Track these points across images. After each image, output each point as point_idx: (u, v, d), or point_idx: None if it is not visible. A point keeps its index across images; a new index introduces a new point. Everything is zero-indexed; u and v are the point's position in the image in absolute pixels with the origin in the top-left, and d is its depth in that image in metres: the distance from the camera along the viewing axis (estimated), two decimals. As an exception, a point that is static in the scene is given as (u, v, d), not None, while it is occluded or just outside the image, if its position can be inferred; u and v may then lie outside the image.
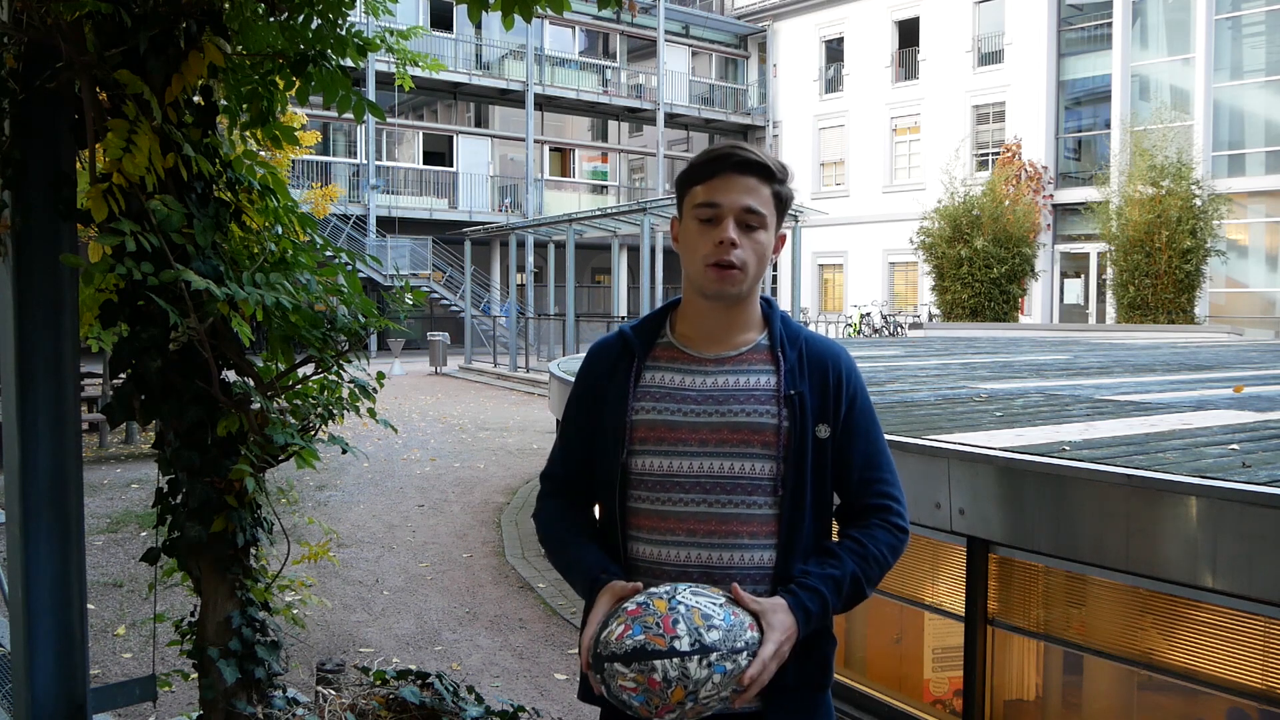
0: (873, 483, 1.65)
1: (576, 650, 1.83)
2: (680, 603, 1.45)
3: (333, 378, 2.63)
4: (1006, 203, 21.37)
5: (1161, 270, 18.24)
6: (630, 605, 1.48)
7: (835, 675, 1.73)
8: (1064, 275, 25.72)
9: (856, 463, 1.65)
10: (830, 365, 1.67)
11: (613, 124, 33.78)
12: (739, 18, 33.57)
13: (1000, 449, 3.63)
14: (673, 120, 32.31)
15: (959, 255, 20.67)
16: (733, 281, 1.60)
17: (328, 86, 2.59)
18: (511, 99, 29.67)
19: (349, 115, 2.62)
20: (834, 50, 30.78)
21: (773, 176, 1.62)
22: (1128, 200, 18.78)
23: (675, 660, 1.41)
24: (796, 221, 18.22)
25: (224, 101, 2.64)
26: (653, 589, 1.51)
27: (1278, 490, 2.75)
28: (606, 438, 1.67)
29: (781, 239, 1.69)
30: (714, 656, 1.43)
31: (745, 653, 1.46)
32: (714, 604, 1.47)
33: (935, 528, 3.78)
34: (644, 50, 32.81)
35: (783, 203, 1.65)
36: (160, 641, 3.78)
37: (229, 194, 2.53)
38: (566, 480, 1.75)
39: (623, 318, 19.80)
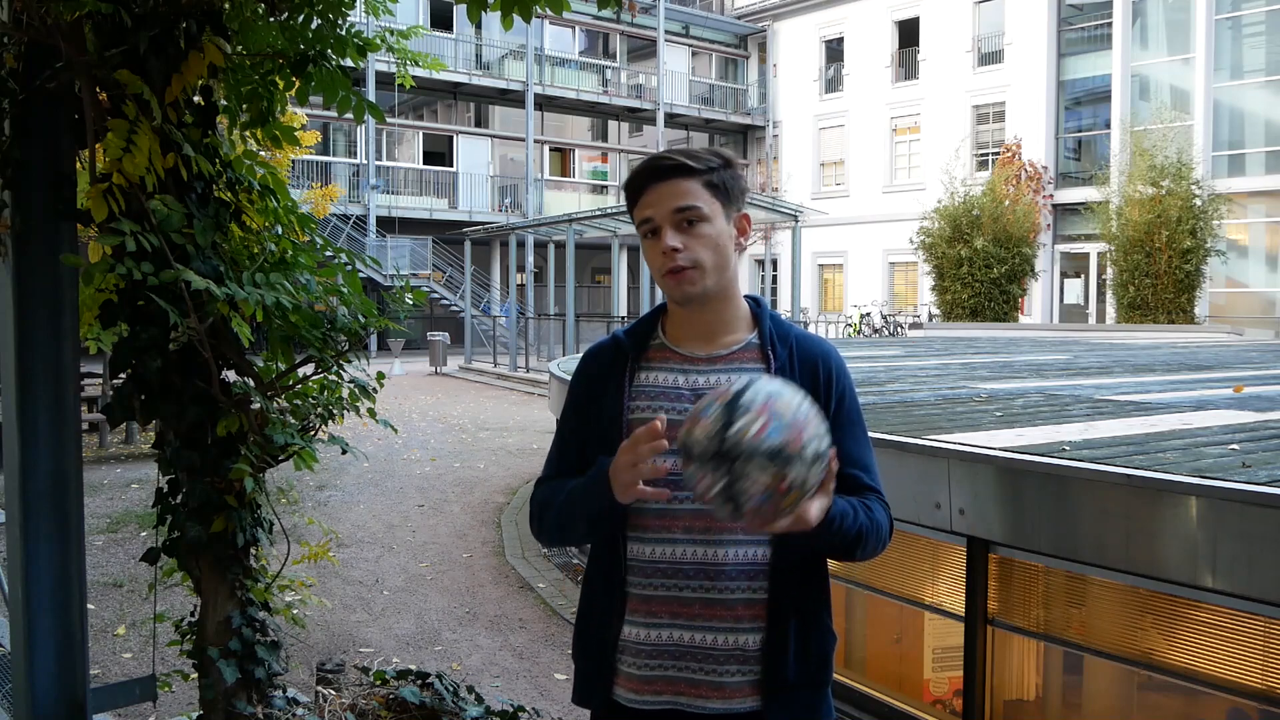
0: (858, 478, 1.67)
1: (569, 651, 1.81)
2: (802, 406, 1.41)
3: (333, 378, 2.63)
4: (1006, 203, 21.36)
5: (1161, 270, 18.24)
6: (754, 400, 1.39)
7: (835, 675, 1.73)
8: (1064, 275, 25.72)
9: (843, 459, 1.65)
10: (820, 362, 1.69)
11: (613, 124, 33.77)
12: (739, 18, 33.56)
13: (1000, 449, 3.63)
14: (673, 120, 32.31)
15: (959, 255, 20.67)
16: (689, 281, 1.61)
17: (328, 86, 2.59)
18: (511, 99, 29.66)
19: (349, 115, 2.62)
20: (834, 50, 30.77)
21: (695, 170, 1.61)
22: (1128, 200, 18.78)
23: (802, 465, 1.38)
24: (796, 221, 18.22)
25: (224, 101, 2.64)
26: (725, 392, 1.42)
27: (1278, 490, 2.75)
28: (602, 439, 1.67)
29: (745, 219, 1.69)
30: (820, 464, 1.41)
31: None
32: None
33: (935, 528, 3.78)
34: (644, 50, 32.81)
35: (722, 189, 1.63)
36: (160, 641, 3.78)
37: (229, 194, 2.53)
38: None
39: (623, 318, 19.81)
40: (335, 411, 2.64)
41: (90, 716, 2.67)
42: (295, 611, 2.95)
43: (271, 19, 2.60)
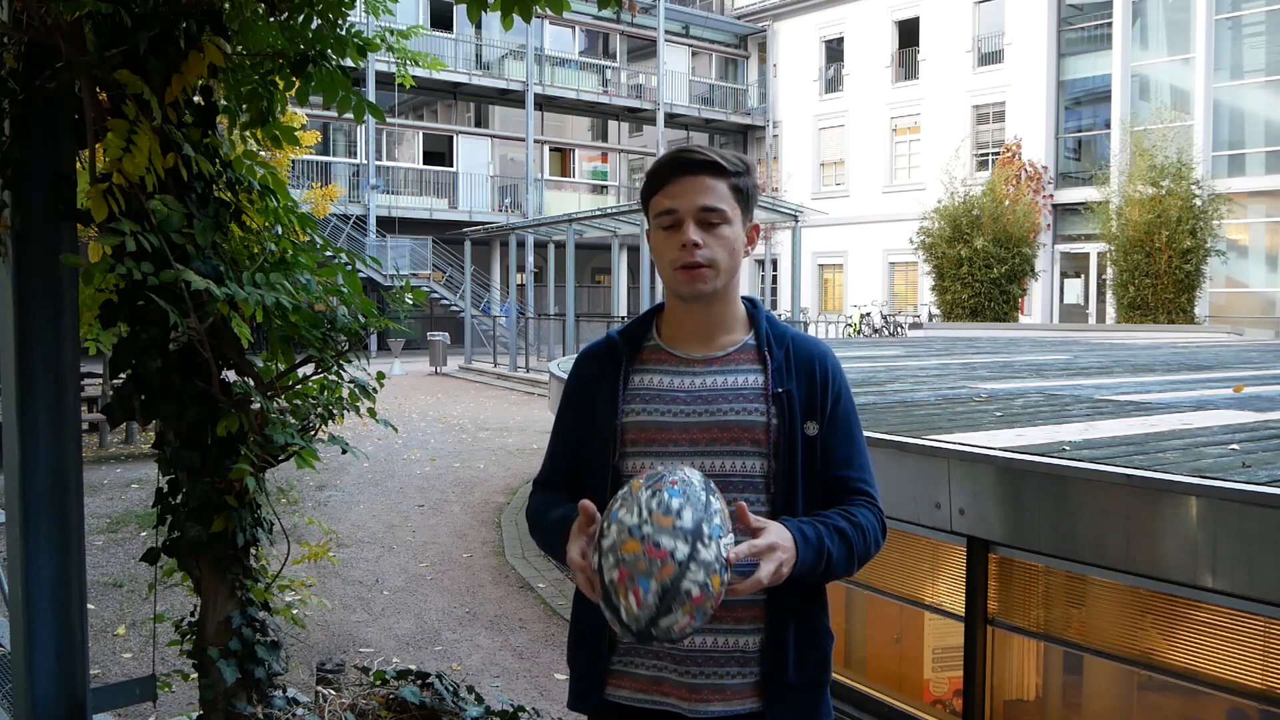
0: (852, 480, 1.67)
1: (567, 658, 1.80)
2: (642, 525, 1.37)
3: (333, 378, 2.63)
4: (1006, 203, 21.38)
5: (1161, 270, 18.25)
6: (612, 575, 1.39)
7: (835, 675, 1.73)
8: (1064, 275, 25.72)
9: (838, 460, 1.66)
10: (817, 364, 1.69)
11: (613, 124, 33.77)
12: (739, 18, 33.56)
13: (1000, 449, 3.63)
14: (673, 120, 32.30)
15: (959, 255, 20.68)
16: (703, 279, 1.62)
17: (328, 86, 2.59)
18: (511, 99, 29.66)
19: (349, 115, 2.62)
20: (834, 50, 30.77)
21: (726, 171, 1.62)
22: (1128, 200, 18.79)
23: (692, 566, 1.36)
24: (796, 221, 18.22)
25: (224, 101, 2.64)
26: (607, 520, 1.43)
27: (1278, 490, 2.75)
28: (597, 442, 1.67)
29: (755, 229, 1.70)
30: (705, 531, 1.38)
31: (730, 533, 1.42)
32: (666, 490, 1.40)
33: (935, 528, 3.78)
34: (644, 50, 32.80)
35: (744, 194, 1.65)
36: (160, 641, 3.78)
37: (229, 194, 2.53)
38: (556, 486, 1.75)
39: (623, 318, 19.80)
40: (335, 411, 2.64)
41: (90, 716, 2.67)
42: (295, 611, 2.95)
43: (271, 19, 2.60)
